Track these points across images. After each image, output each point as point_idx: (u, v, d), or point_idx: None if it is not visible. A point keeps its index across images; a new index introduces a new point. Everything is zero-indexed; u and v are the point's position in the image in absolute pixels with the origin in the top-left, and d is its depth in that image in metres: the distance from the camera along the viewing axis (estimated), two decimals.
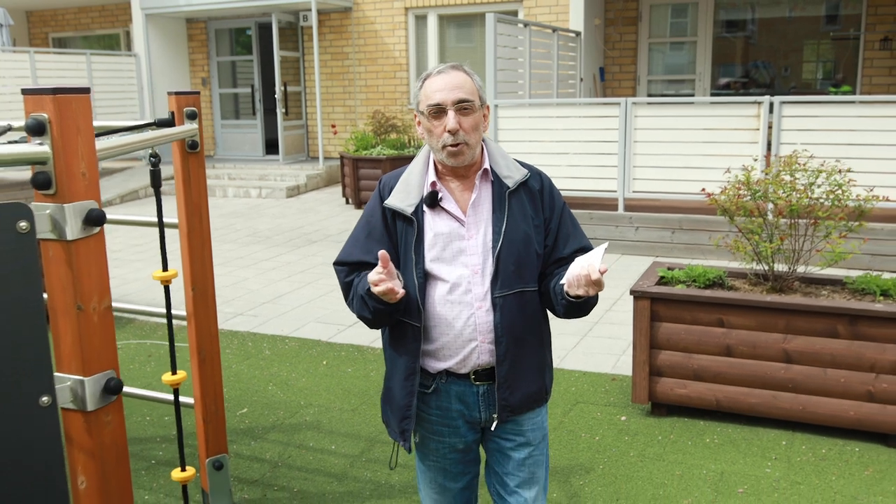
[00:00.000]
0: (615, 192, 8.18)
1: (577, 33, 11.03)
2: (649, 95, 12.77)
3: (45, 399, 1.64)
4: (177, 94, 3.08)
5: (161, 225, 2.38)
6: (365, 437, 4.13)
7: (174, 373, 2.63)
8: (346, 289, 2.23)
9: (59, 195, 1.71)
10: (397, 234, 2.19)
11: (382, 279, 1.98)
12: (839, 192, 4.12)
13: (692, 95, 12.55)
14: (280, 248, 8.83)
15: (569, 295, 2.08)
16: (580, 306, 2.12)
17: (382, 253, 1.98)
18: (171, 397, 3.04)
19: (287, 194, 12.32)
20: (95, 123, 2.23)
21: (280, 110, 13.40)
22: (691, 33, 12.87)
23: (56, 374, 1.80)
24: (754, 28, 13.52)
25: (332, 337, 5.73)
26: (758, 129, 7.44)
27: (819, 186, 4.20)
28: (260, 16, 14.05)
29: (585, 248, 2.25)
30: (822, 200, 4.17)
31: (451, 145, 2.10)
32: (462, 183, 2.20)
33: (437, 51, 13.33)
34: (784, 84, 13.23)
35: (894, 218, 7.08)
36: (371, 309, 2.11)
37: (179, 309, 3.21)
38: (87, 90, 1.73)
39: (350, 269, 2.23)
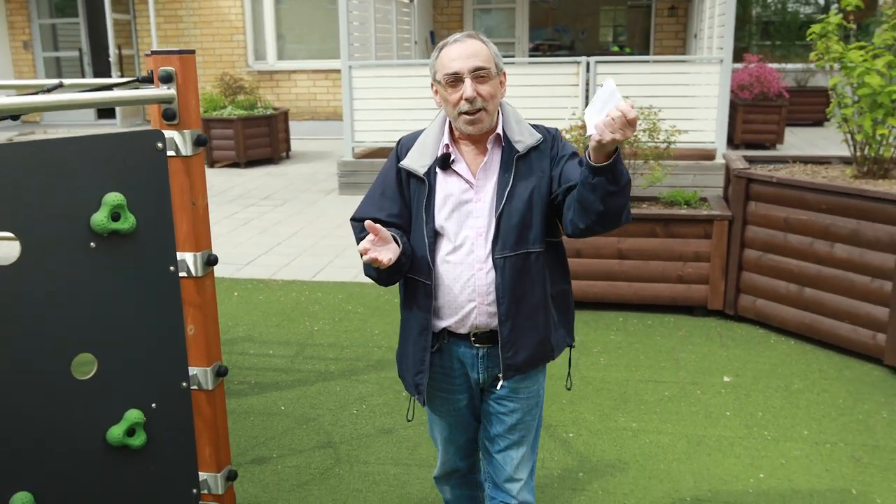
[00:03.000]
0: None
1: (411, 0, 11.97)
2: None
3: (171, 268, 2.42)
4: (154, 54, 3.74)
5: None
6: (296, 342, 4.97)
7: None
8: None
9: (179, 124, 2.46)
10: (410, 194, 2.26)
11: (367, 248, 2.04)
12: (653, 128, 5.40)
13: (513, 56, 13.91)
14: None
15: (591, 158, 1.90)
16: (616, 179, 1.91)
17: (369, 223, 2.05)
18: None
19: None
20: (75, 81, 2.92)
21: (115, 74, 13.35)
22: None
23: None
24: None
25: (234, 273, 6.43)
26: (577, 85, 8.79)
27: (639, 126, 5.46)
28: None
29: None
30: (641, 138, 5.44)
31: (469, 112, 2.12)
32: (475, 147, 2.23)
33: (273, 15, 13.78)
34: (583, 46, 14.91)
35: (686, 156, 8.71)
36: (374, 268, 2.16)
37: None
38: (193, 52, 2.49)
39: (364, 225, 2.19)
